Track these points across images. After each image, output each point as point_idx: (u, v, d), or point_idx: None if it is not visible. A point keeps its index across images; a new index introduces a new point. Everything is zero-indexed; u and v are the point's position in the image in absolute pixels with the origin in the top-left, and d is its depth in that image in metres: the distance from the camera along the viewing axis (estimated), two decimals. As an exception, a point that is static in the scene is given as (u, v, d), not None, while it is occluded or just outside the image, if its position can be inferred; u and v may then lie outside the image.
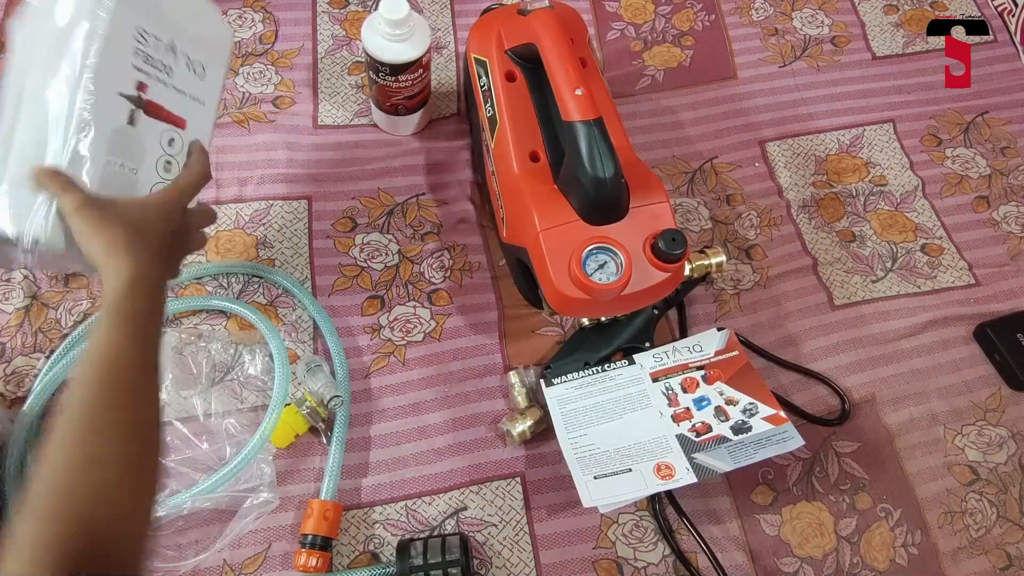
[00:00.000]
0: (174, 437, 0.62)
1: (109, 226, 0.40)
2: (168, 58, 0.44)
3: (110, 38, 0.40)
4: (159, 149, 0.45)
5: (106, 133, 0.41)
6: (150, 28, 0.42)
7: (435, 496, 0.63)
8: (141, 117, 0.43)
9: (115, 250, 0.40)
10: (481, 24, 0.70)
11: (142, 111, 0.43)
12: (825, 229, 0.78)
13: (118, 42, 0.41)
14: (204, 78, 0.47)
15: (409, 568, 0.56)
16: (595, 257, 0.57)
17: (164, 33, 0.43)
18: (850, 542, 0.63)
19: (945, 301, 0.74)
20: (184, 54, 0.45)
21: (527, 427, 0.63)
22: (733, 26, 0.91)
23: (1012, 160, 0.84)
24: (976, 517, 0.65)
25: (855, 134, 0.84)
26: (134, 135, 0.43)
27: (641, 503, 0.63)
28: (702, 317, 0.72)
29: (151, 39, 0.42)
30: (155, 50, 0.43)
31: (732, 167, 0.81)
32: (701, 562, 0.61)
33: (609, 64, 0.87)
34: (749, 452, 0.59)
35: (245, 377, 0.66)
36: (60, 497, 0.35)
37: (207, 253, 0.72)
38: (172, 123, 0.46)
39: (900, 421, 0.68)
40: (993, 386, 0.71)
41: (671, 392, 0.64)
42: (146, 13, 0.42)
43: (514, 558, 0.61)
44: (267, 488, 0.60)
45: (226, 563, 0.59)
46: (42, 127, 0.40)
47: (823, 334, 0.72)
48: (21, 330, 0.67)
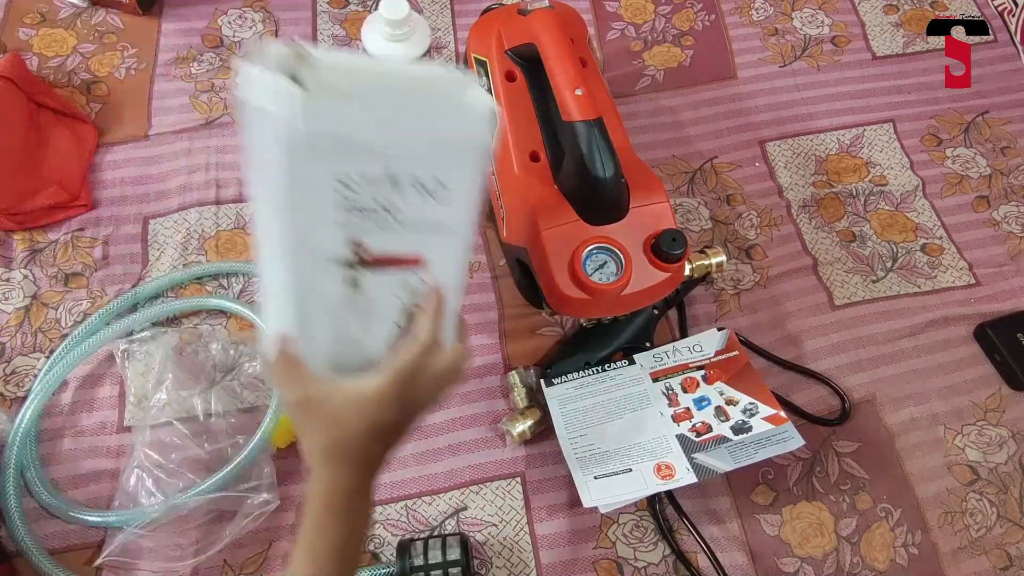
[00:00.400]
0: (174, 437, 0.62)
1: (310, 432, 0.38)
2: (387, 193, 0.33)
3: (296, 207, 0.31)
4: (392, 298, 0.37)
5: (325, 304, 0.35)
6: (353, 169, 0.31)
7: (435, 496, 0.63)
8: (364, 275, 0.35)
9: (313, 458, 0.38)
10: (481, 24, 0.70)
11: (363, 269, 0.35)
12: (825, 229, 0.78)
13: (311, 207, 0.32)
14: (446, 194, 0.34)
15: (409, 568, 0.56)
16: (595, 257, 0.57)
17: (375, 166, 0.32)
18: (850, 542, 0.63)
19: (945, 301, 0.74)
20: (412, 178, 0.33)
21: (527, 427, 0.63)
22: (733, 26, 0.91)
23: (1012, 160, 0.84)
24: (976, 517, 0.65)
25: (855, 134, 0.84)
26: (359, 295, 0.36)
27: (641, 503, 0.63)
28: (702, 317, 0.72)
29: (357, 181, 0.31)
30: (366, 193, 0.32)
31: (732, 167, 0.81)
32: (701, 562, 0.61)
33: (609, 64, 0.87)
34: (749, 452, 0.59)
35: (245, 377, 0.66)
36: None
37: (207, 253, 0.72)
38: (404, 266, 0.36)
39: (900, 421, 0.68)
40: (993, 386, 0.71)
41: (671, 392, 0.64)
42: (345, 153, 0.31)
43: (514, 558, 0.61)
44: (267, 488, 0.60)
45: (226, 563, 0.59)
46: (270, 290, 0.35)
47: (823, 334, 0.72)
48: (21, 330, 0.67)
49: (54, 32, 0.82)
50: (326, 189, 0.31)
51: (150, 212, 0.74)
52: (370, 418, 0.37)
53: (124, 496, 0.60)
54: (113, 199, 0.74)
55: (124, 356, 0.65)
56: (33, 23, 0.83)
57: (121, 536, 0.58)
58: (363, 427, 0.37)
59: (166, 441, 0.62)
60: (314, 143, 0.30)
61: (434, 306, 0.38)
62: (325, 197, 0.31)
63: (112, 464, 0.63)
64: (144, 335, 0.66)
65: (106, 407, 0.65)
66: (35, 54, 0.81)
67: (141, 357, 0.65)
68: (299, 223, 0.32)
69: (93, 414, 0.64)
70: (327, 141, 0.30)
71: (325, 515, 0.38)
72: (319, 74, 0.30)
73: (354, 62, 0.32)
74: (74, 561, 0.59)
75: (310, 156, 0.30)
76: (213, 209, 0.74)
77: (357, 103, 0.30)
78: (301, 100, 0.28)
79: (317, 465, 0.38)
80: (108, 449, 0.63)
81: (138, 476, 0.60)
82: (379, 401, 0.36)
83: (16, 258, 0.70)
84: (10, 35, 0.82)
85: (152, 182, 0.75)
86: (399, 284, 0.36)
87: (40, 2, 0.84)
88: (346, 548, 0.39)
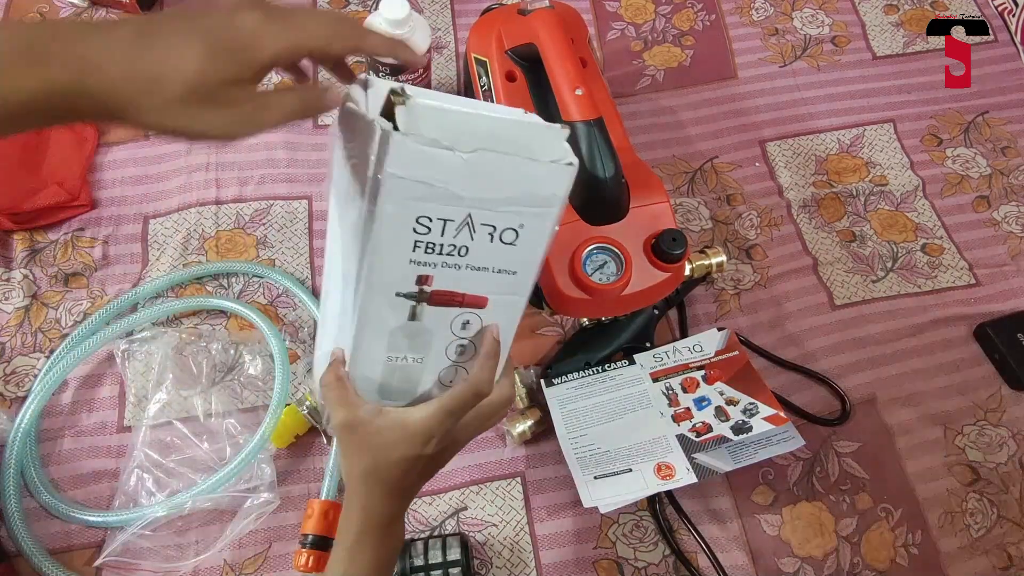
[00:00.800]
0: (174, 437, 0.62)
1: (351, 454, 0.39)
2: (462, 235, 0.33)
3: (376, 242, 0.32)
4: (449, 335, 0.37)
5: (384, 333, 0.36)
6: (435, 213, 0.32)
7: (435, 496, 0.63)
8: (425, 310, 0.35)
9: (352, 479, 0.39)
10: (481, 24, 0.70)
11: (425, 304, 0.35)
12: (825, 229, 0.78)
13: (391, 242, 0.32)
14: (517, 242, 0.34)
15: (409, 568, 0.56)
16: (595, 257, 0.57)
17: (456, 211, 0.32)
18: (850, 542, 0.63)
19: (945, 301, 0.74)
20: (486, 225, 0.33)
21: (527, 427, 0.63)
22: (733, 26, 0.91)
23: (1012, 160, 0.84)
24: (976, 517, 0.65)
25: (855, 134, 0.84)
26: (418, 328, 0.36)
27: (641, 503, 0.63)
28: (702, 317, 0.72)
29: (436, 224, 0.32)
30: (442, 235, 0.33)
31: (732, 167, 0.81)
32: (701, 562, 0.61)
33: (609, 64, 0.87)
34: (749, 452, 0.59)
35: (245, 377, 0.66)
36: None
37: (207, 253, 0.72)
38: (467, 306, 0.36)
39: (900, 421, 0.68)
40: (993, 386, 0.71)
41: (671, 392, 0.64)
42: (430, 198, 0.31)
43: (514, 558, 0.61)
44: (267, 488, 0.60)
45: (227, 563, 0.59)
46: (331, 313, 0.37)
47: (823, 334, 0.72)
48: (21, 330, 0.67)
49: (54, 32, 0.82)
50: (407, 228, 0.32)
51: (150, 212, 0.74)
52: (410, 449, 0.37)
53: (124, 496, 0.60)
54: (113, 199, 0.74)
55: (124, 356, 0.65)
56: (33, 23, 0.83)
57: (121, 536, 0.58)
58: (402, 456, 0.37)
59: (166, 441, 0.62)
60: (401, 186, 0.30)
61: (490, 350, 0.38)
62: (405, 234, 0.32)
63: (112, 464, 0.63)
64: (144, 335, 0.66)
65: (106, 407, 0.65)
66: (35, 54, 0.81)
67: (141, 357, 0.66)
68: (376, 256, 0.33)
69: (93, 414, 0.64)
70: (414, 185, 0.31)
71: (362, 538, 0.39)
72: (414, 114, 0.30)
73: (448, 105, 0.33)
74: (74, 561, 0.59)
75: (396, 197, 0.31)
76: (213, 209, 0.74)
77: (447, 150, 0.30)
78: (395, 143, 0.29)
79: (356, 486, 0.39)
80: (108, 449, 0.63)
81: (138, 476, 0.60)
82: (422, 434, 0.37)
83: (16, 258, 0.70)
84: (10, 35, 0.82)
85: (152, 182, 0.75)
86: (458, 321, 0.37)
87: (40, 2, 0.84)
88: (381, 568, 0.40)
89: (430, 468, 0.40)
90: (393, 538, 0.41)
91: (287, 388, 0.63)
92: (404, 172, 0.30)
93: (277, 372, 0.63)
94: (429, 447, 0.38)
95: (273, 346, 0.65)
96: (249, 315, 0.67)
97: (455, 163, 0.30)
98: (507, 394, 0.41)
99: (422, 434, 0.37)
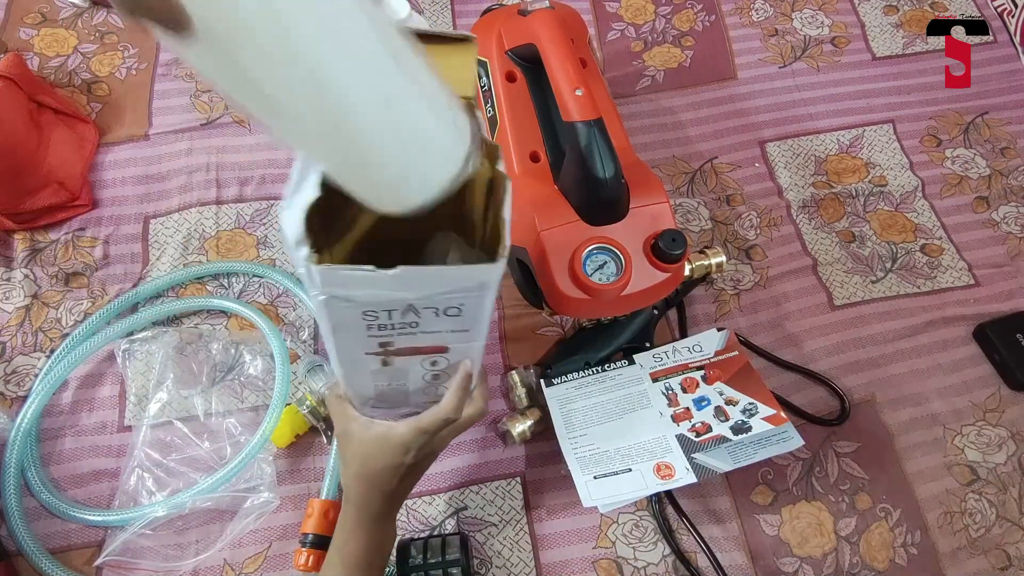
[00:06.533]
0: (174, 436, 0.62)
1: (347, 459, 0.46)
2: (409, 317, 0.38)
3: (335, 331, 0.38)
4: (421, 369, 0.43)
5: (366, 373, 0.43)
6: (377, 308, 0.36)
7: (435, 496, 0.63)
8: (393, 359, 0.41)
9: (347, 480, 0.46)
10: (481, 24, 0.70)
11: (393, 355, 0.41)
12: (825, 229, 0.78)
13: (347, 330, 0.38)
14: (462, 313, 0.38)
15: (409, 568, 0.56)
16: (595, 257, 0.57)
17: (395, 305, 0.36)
18: (850, 542, 0.63)
19: (945, 301, 0.74)
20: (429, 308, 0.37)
21: (527, 427, 0.63)
22: (733, 26, 0.91)
23: (1012, 160, 0.84)
24: (976, 517, 0.65)
25: (855, 134, 0.84)
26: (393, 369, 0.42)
27: (641, 503, 0.63)
28: (702, 317, 0.72)
29: (382, 313, 0.37)
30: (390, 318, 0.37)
31: (732, 167, 0.81)
32: (701, 562, 0.61)
33: (609, 64, 0.87)
34: (749, 452, 0.59)
35: (245, 377, 0.66)
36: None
37: (208, 253, 0.72)
38: (430, 353, 0.42)
39: (900, 421, 0.68)
40: (993, 386, 0.71)
41: (671, 392, 0.64)
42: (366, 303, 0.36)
43: (514, 558, 0.61)
44: (267, 488, 0.60)
45: (227, 563, 0.59)
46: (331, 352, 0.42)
47: (823, 334, 0.72)
48: (21, 329, 0.67)
49: (55, 32, 0.83)
50: (356, 320, 0.37)
51: (151, 212, 0.74)
52: (393, 459, 0.44)
53: (124, 495, 0.60)
54: (114, 199, 0.74)
55: (125, 356, 0.65)
56: (34, 23, 0.83)
57: (121, 535, 0.58)
58: (386, 465, 0.44)
59: (166, 441, 0.62)
60: (336, 300, 0.35)
61: (462, 383, 0.45)
62: (356, 323, 0.37)
63: (112, 464, 0.63)
64: (145, 335, 0.66)
65: (107, 407, 0.65)
66: (36, 54, 0.81)
67: (142, 357, 0.66)
68: (340, 339, 0.39)
69: (94, 414, 0.64)
70: (350, 297, 0.35)
71: (355, 529, 0.46)
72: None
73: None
74: (74, 561, 0.59)
75: (336, 305, 0.35)
76: (214, 209, 0.74)
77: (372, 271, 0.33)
78: (319, 272, 0.33)
79: (351, 485, 0.46)
80: (108, 449, 0.63)
81: (138, 476, 0.60)
82: (401, 446, 0.44)
83: (17, 258, 0.70)
84: (11, 35, 0.82)
85: (153, 182, 0.75)
86: (427, 361, 0.43)
87: (41, 2, 0.84)
88: (371, 560, 0.47)
89: (412, 473, 0.46)
90: (382, 533, 0.48)
91: (287, 388, 0.63)
92: (333, 292, 0.34)
93: (277, 372, 0.63)
94: (408, 457, 0.44)
95: (273, 346, 0.65)
96: (249, 315, 0.67)
97: (383, 278, 0.33)
98: (479, 408, 0.47)
99: (402, 447, 0.44)
